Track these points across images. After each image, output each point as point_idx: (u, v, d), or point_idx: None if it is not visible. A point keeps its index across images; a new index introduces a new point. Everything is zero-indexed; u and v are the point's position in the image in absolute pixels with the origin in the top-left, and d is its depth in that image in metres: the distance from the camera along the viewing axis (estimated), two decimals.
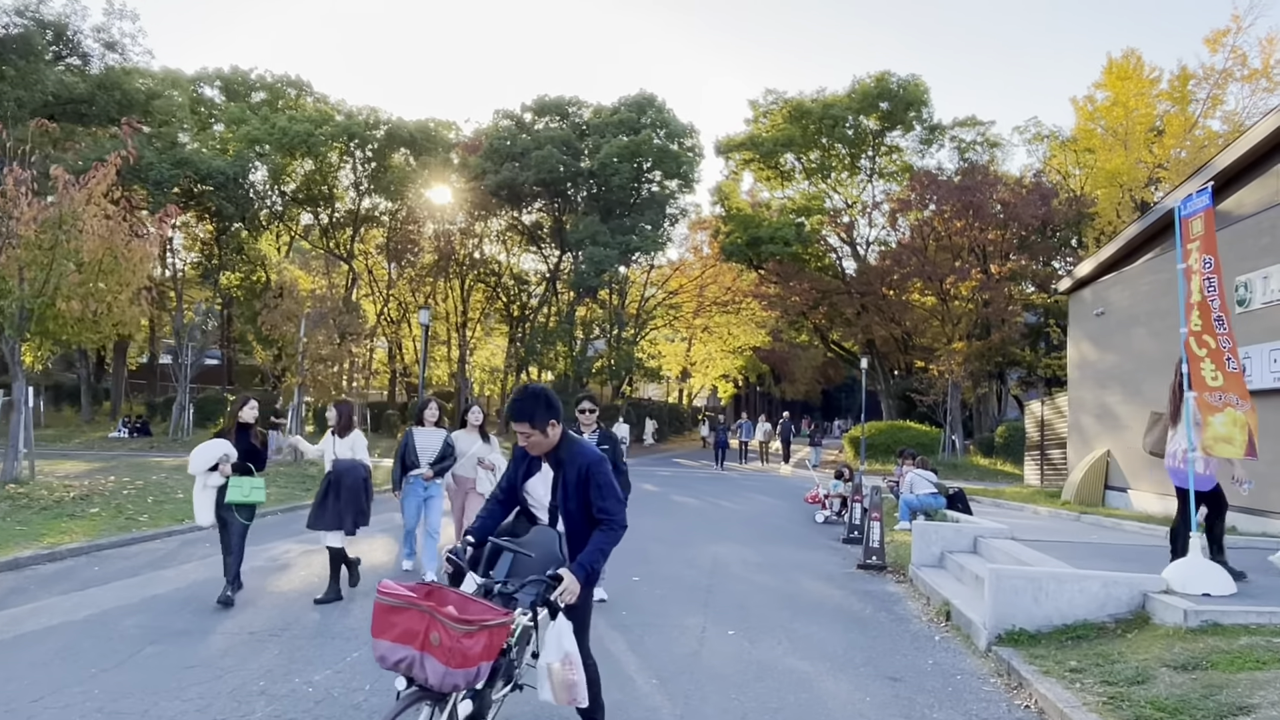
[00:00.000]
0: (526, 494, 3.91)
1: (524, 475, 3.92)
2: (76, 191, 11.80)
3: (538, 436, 3.70)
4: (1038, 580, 6.72)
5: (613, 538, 3.72)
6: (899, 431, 31.60)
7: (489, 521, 3.91)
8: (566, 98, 37.83)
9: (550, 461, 3.83)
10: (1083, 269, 16.76)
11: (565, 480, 3.78)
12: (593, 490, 3.74)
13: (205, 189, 30.83)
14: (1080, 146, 36.37)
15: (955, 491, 13.21)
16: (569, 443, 3.84)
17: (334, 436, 8.08)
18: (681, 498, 18.42)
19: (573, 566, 3.55)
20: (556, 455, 3.81)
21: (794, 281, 37.72)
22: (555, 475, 3.81)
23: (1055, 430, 20.17)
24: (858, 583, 9.55)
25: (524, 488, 3.92)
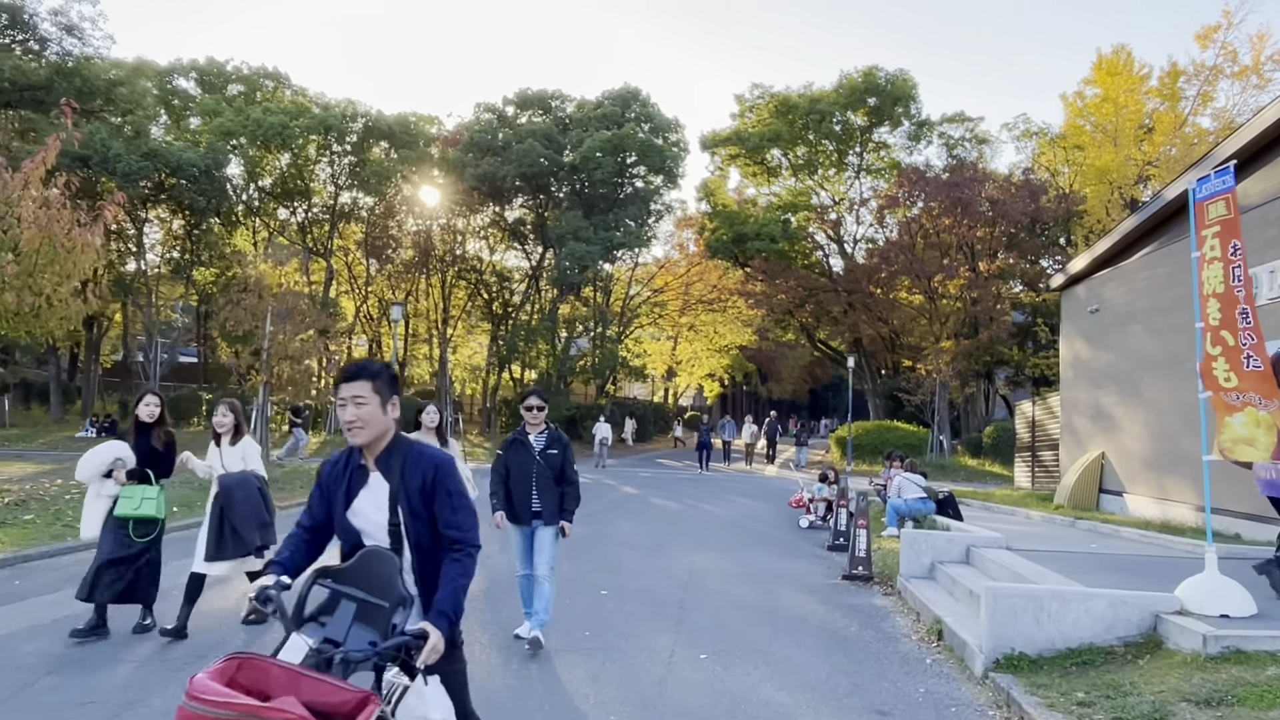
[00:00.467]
0: (354, 519, 2.96)
1: (347, 495, 2.97)
2: (10, 177, 11.02)
3: (372, 408, 2.86)
4: (1039, 599, 6.11)
5: (469, 567, 2.92)
6: (886, 432, 31.08)
7: (300, 555, 3.02)
8: (549, 91, 37.14)
9: (381, 469, 2.95)
10: (1076, 264, 16.22)
11: (406, 492, 2.91)
12: (440, 502, 2.92)
13: (176, 182, 29.94)
14: (1069, 143, 35.92)
15: (945, 496, 12.63)
16: (405, 445, 3.00)
17: (220, 445, 6.74)
18: (661, 501, 17.78)
19: (432, 616, 2.75)
20: (388, 460, 2.95)
21: (780, 279, 37.14)
22: (391, 488, 2.93)
23: (1047, 431, 19.64)
24: (843, 595, 8.93)
25: (350, 511, 2.97)
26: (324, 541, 3.09)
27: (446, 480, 2.94)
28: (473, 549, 2.94)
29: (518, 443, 6.44)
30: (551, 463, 6.35)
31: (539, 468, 6.31)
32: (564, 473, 6.42)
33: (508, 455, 6.43)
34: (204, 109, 35.30)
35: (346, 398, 2.87)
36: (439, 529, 2.94)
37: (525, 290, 40.65)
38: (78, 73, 24.13)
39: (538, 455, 6.35)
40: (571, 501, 6.46)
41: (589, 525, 13.44)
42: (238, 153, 32.67)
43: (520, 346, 36.48)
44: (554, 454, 6.40)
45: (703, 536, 12.77)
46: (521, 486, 6.31)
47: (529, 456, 6.34)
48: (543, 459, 6.34)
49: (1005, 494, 19.02)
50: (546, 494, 6.31)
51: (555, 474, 6.35)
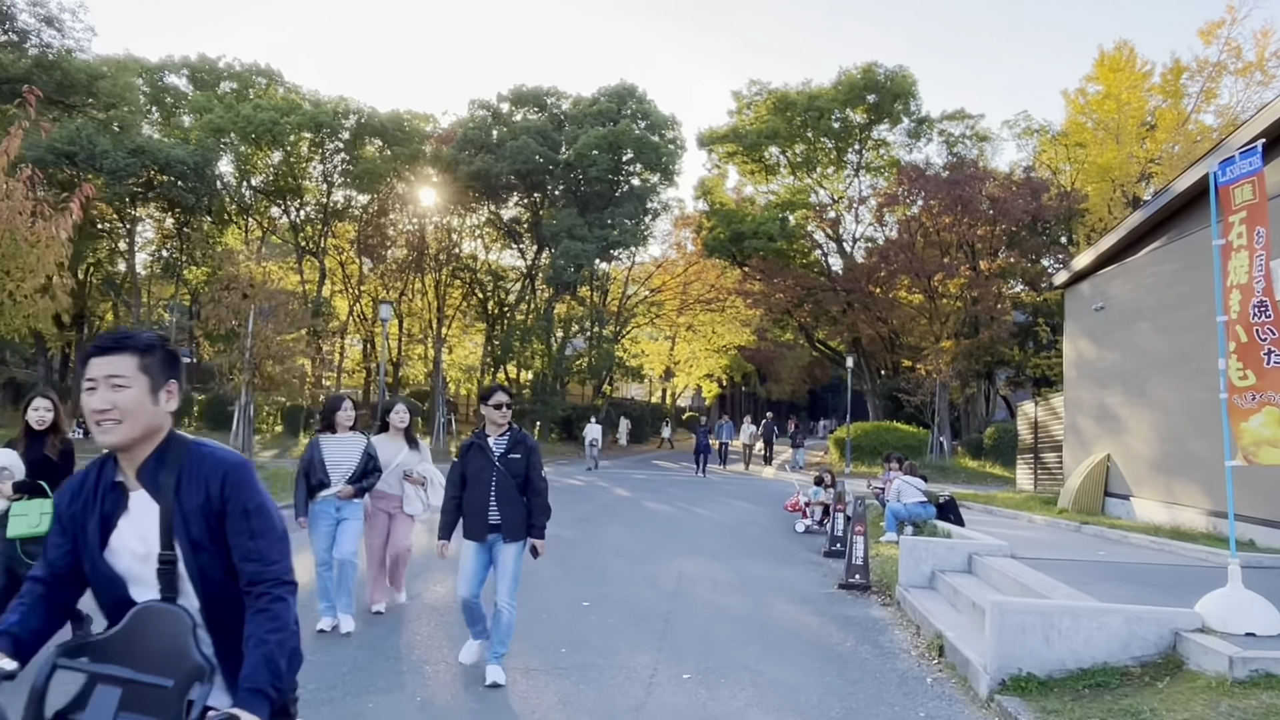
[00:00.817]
0: (113, 560, 2.06)
1: (102, 528, 2.07)
2: None
3: (136, 393, 2.00)
4: (1049, 616, 5.65)
5: (283, 616, 2.04)
6: (885, 432, 30.61)
7: (36, 619, 2.09)
8: (545, 87, 36.67)
9: (146, 484, 2.06)
10: (1080, 261, 15.76)
11: (183, 513, 2.03)
12: (235, 525, 2.06)
13: (166, 179, 29.45)
14: (1071, 141, 35.48)
15: (946, 500, 12.16)
16: (180, 449, 2.09)
17: None
18: (654, 504, 17.31)
19: (243, 698, 1.93)
20: (156, 471, 2.06)
21: (778, 278, 36.68)
22: (162, 510, 2.04)
23: (1050, 432, 19.18)
24: (838, 606, 8.47)
25: (107, 550, 2.06)
26: (70, 599, 2.17)
27: (242, 492, 2.07)
28: (284, 589, 2.07)
29: (475, 447, 5.56)
30: (514, 468, 5.47)
31: (499, 475, 5.43)
32: (529, 480, 5.50)
33: (464, 462, 5.56)
34: (195, 106, 34.85)
35: (97, 378, 1.99)
36: (235, 563, 2.07)
37: (520, 290, 40.17)
38: (58, 65, 23.63)
39: (497, 460, 5.46)
40: (540, 514, 5.55)
41: (578, 530, 12.99)
42: (228, 150, 32.18)
43: (515, 346, 36.01)
44: (516, 458, 5.49)
45: (694, 542, 12.31)
46: (478, 496, 5.45)
47: (487, 461, 5.46)
48: (503, 464, 5.45)
49: (1007, 497, 18.56)
50: (508, 505, 5.44)
51: (519, 482, 5.46)
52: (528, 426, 37.19)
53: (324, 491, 6.66)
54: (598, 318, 37.97)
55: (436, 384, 34.35)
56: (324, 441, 6.82)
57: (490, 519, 5.46)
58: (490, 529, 5.48)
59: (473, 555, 5.57)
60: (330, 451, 6.77)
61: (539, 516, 5.56)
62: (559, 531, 12.69)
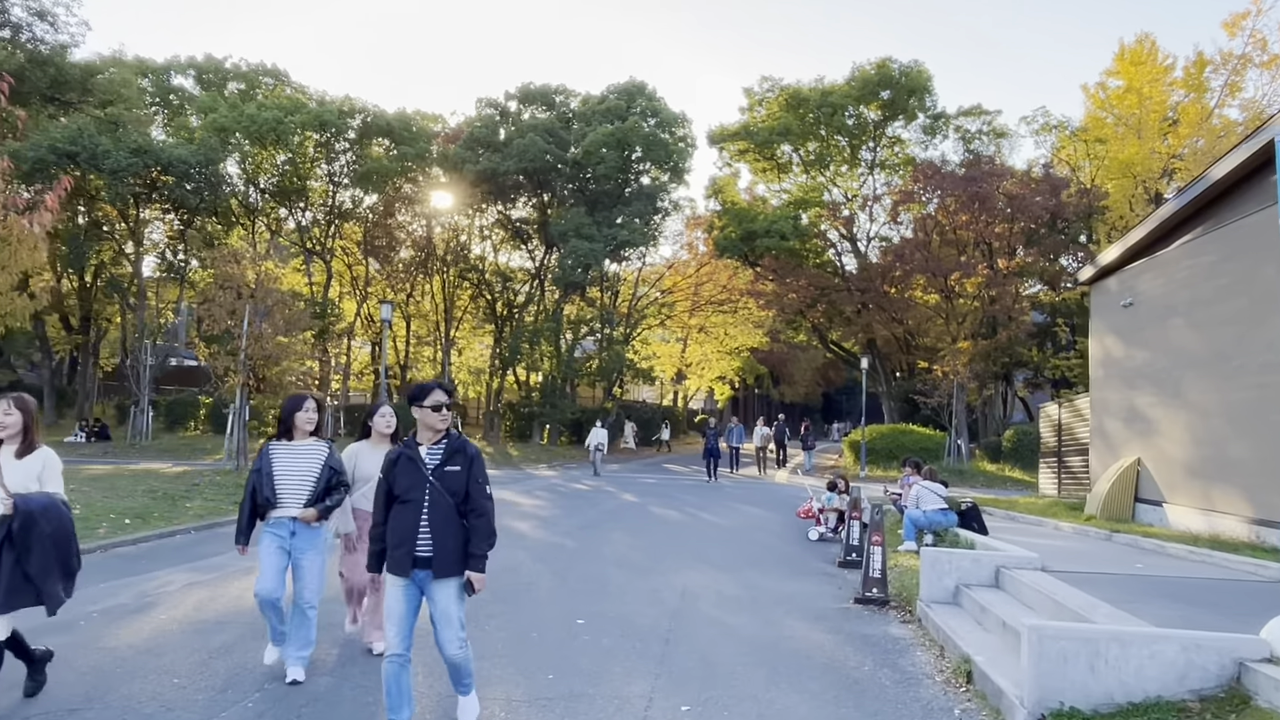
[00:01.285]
0: None
1: None
2: None
3: None
4: (1094, 643, 4.99)
5: None
6: (901, 435, 29.85)
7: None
8: (553, 85, 36.07)
9: None
10: (1107, 255, 15.04)
11: None
12: None
13: (168, 180, 29.05)
14: (1091, 136, 34.68)
15: (968, 507, 11.47)
16: None
17: (7, 459, 4.83)
18: (661, 510, 16.67)
19: None
20: None
21: (791, 278, 35.98)
22: None
23: (1075, 435, 18.42)
24: (855, 623, 7.82)
25: None
26: None
27: None
28: None
29: (404, 459, 4.45)
30: (451, 484, 4.37)
31: (432, 492, 4.34)
32: (470, 498, 4.40)
33: (391, 477, 4.46)
34: (201, 106, 34.48)
35: None
36: None
37: (529, 291, 39.62)
38: (51, 61, 23.20)
39: (430, 474, 4.37)
40: (481, 540, 4.40)
41: (579, 538, 12.38)
42: (233, 150, 31.74)
43: (524, 348, 35.44)
44: (455, 471, 4.40)
45: (701, 551, 11.66)
46: (405, 519, 4.36)
47: (418, 477, 4.37)
48: (437, 479, 4.36)
49: (1029, 502, 17.81)
50: (443, 531, 4.33)
51: (457, 500, 4.38)
52: (536, 429, 36.69)
53: (274, 513, 5.47)
54: (608, 319, 37.36)
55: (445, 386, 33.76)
56: (275, 451, 5.62)
57: (419, 549, 4.34)
58: (418, 562, 4.35)
59: (400, 597, 4.42)
60: (282, 463, 5.56)
61: (480, 543, 4.40)
62: (559, 540, 12.10)
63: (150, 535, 10.91)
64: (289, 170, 34.23)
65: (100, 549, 10.15)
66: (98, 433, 29.05)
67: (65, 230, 31.01)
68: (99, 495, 13.38)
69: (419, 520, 4.36)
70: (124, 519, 11.70)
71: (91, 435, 28.73)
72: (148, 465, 20.43)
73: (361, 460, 6.29)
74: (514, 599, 8.19)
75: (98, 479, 15.63)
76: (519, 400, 39.25)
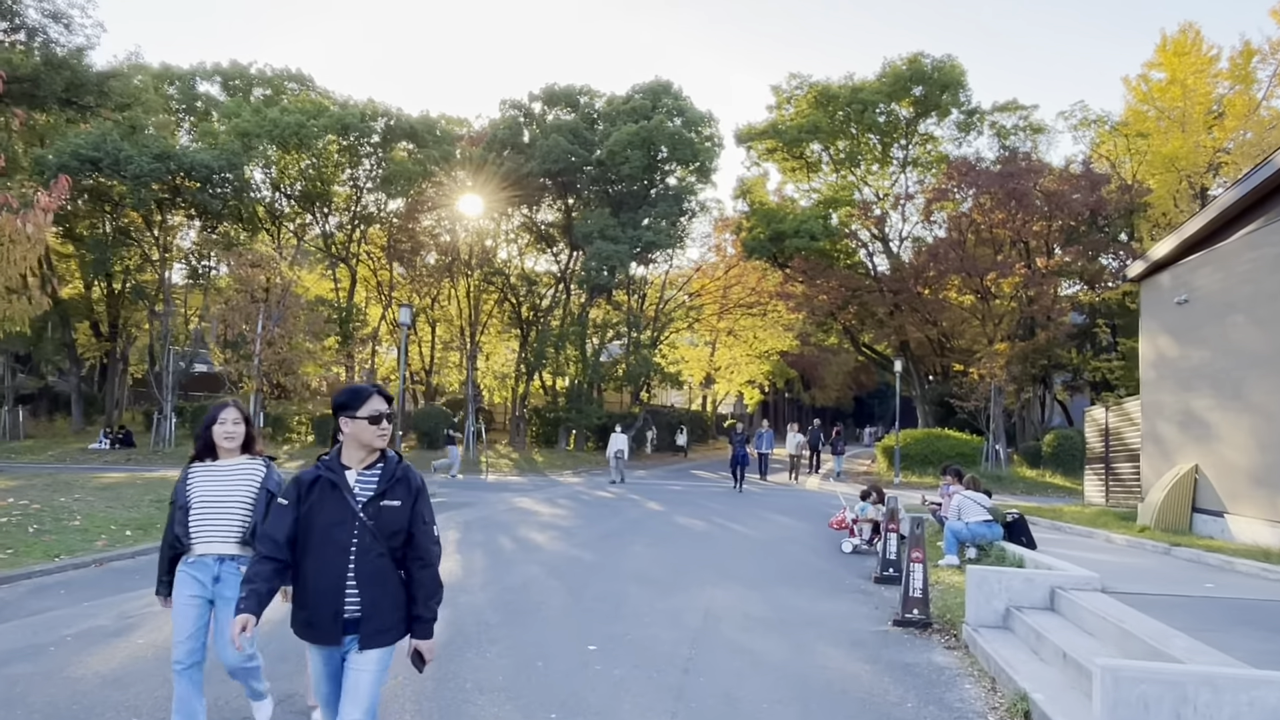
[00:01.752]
0: None
1: None
2: None
3: None
4: (1180, 686, 4.27)
5: None
6: (937, 440, 28.92)
7: None
8: (578, 86, 35.51)
9: None
10: (1159, 250, 14.16)
11: None
12: None
13: (191, 185, 28.89)
14: (1131, 130, 33.55)
15: (1015, 518, 10.70)
16: None
17: None
18: (686, 519, 15.99)
19: None
20: None
21: (821, 279, 35.14)
22: None
23: (1124, 440, 17.49)
24: (894, 649, 7.11)
25: None
26: None
27: None
28: None
29: (323, 484, 3.33)
30: (388, 523, 3.31)
31: (362, 533, 3.27)
32: (414, 541, 3.34)
33: (301, 506, 3.32)
34: (225, 112, 34.43)
35: None
36: None
37: (554, 294, 39.13)
38: (67, 64, 23.07)
39: (361, 509, 3.28)
40: (428, 596, 3.35)
41: (598, 550, 11.75)
42: (256, 154, 31.53)
43: (549, 353, 34.91)
44: (394, 507, 3.32)
45: (727, 565, 10.98)
46: (327, 568, 3.25)
47: (343, 510, 3.28)
48: (370, 515, 3.29)
49: (1076, 511, 16.93)
50: (375, 584, 3.27)
51: (395, 545, 3.32)
52: (562, 435, 36.10)
53: (191, 554, 4.27)
54: (634, 323, 36.74)
55: (469, 392, 33.37)
56: (195, 476, 4.40)
57: (346, 608, 3.25)
58: (347, 625, 3.27)
59: (322, 672, 3.43)
60: (202, 489, 4.34)
61: (427, 602, 3.36)
62: (577, 552, 11.49)
63: (149, 548, 10.41)
64: (312, 174, 34.02)
65: (95, 562, 9.70)
66: (122, 439, 28.92)
67: (90, 236, 31.00)
68: (104, 505, 12.97)
69: (345, 568, 3.25)
70: (125, 530, 11.26)
71: (115, 442, 28.59)
72: (164, 473, 20.12)
73: None
74: (522, 620, 7.57)
75: (108, 488, 15.26)
76: (545, 405, 38.74)
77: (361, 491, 3.32)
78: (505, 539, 12.59)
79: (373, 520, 3.29)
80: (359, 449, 3.37)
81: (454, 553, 11.20)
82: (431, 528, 3.42)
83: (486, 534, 13.03)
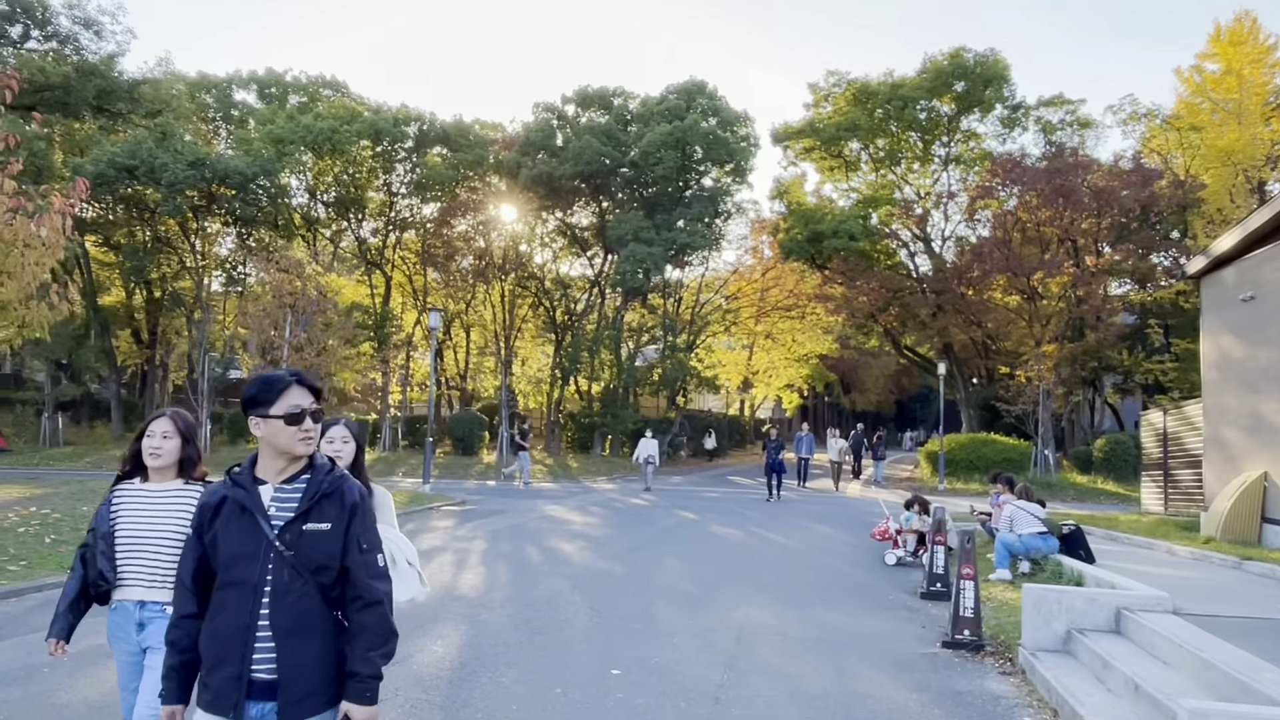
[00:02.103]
0: None
1: None
2: None
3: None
4: None
5: None
6: (982, 445, 28.00)
7: None
8: (611, 88, 35.12)
9: None
10: (1222, 244, 13.36)
11: None
12: None
13: (225, 191, 28.99)
14: (1184, 124, 32.38)
15: (1071, 530, 10.04)
16: None
17: None
18: (721, 529, 15.45)
19: None
20: None
21: (861, 281, 34.37)
22: None
23: (1183, 445, 16.62)
24: (944, 674, 6.54)
25: None
26: None
27: None
28: None
29: (228, 505, 2.56)
30: (312, 551, 2.52)
31: (278, 566, 2.49)
32: (350, 577, 2.55)
33: (211, 535, 2.57)
34: (262, 119, 34.59)
35: None
36: None
37: (588, 299, 38.76)
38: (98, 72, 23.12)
39: (276, 534, 2.50)
40: (371, 647, 2.52)
41: (628, 563, 11.27)
42: (290, 160, 31.58)
43: (583, 357, 34.53)
44: (320, 531, 2.53)
45: (763, 579, 10.44)
46: (229, 617, 2.50)
47: (253, 538, 2.51)
48: (290, 543, 2.50)
49: (1133, 520, 16.10)
50: (296, 635, 2.49)
51: (323, 581, 2.53)
52: (597, 440, 35.70)
53: (117, 595, 3.49)
54: (670, 326, 36.24)
55: (504, 397, 33.11)
56: (121, 499, 3.55)
57: (255, 669, 2.46)
58: (258, 691, 2.47)
59: None
60: (130, 519, 3.49)
61: (364, 654, 2.50)
62: (606, 565, 11.02)
63: None
64: (347, 180, 34.05)
65: None
66: None
67: (127, 244, 31.24)
68: None
69: (254, 617, 2.46)
70: None
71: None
72: None
73: None
74: (543, 641, 7.12)
75: None
76: (580, 410, 38.37)
77: (279, 513, 2.51)
78: (533, 550, 12.17)
79: (292, 550, 2.47)
80: (276, 456, 2.57)
81: (478, 564, 10.80)
82: (372, 556, 2.56)
83: (514, 544, 12.62)
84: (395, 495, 18.27)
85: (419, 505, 17.00)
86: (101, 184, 26.69)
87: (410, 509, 16.38)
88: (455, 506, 17.66)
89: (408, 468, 27.25)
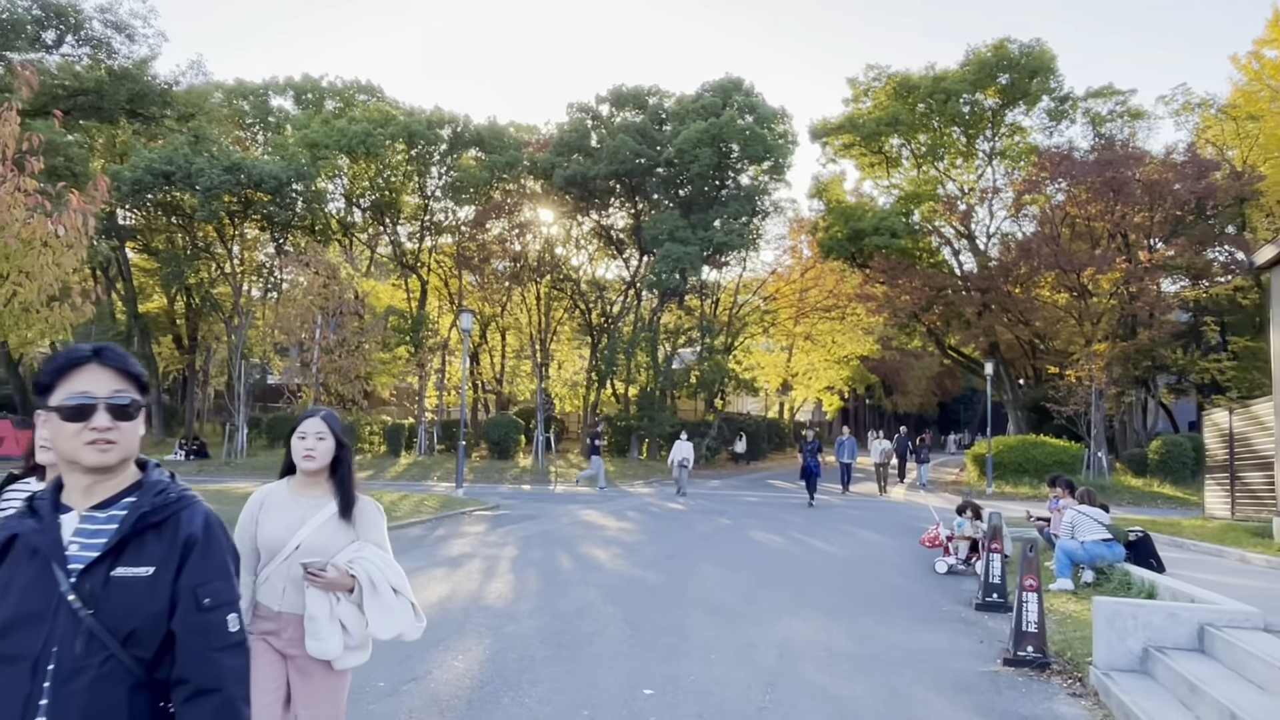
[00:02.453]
0: None
1: None
2: None
3: None
4: None
5: None
6: (1032, 447, 27.03)
7: None
8: (646, 87, 34.69)
9: None
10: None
11: None
12: None
13: (262, 196, 29.01)
14: (1241, 113, 31.19)
15: (1138, 537, 9.37)
16: None
17: None
18: (761, 535, 14.88)
19: None
20: None
21: (903, 279, 33.52)
22: None
23: (1252, 447, 15.72)
24: (1007, 696, 5.96)
25: None
26: None
27: None
28: None
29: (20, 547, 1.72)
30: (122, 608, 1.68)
31: (68, 630, 1.64)
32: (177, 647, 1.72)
33: None
34: (297, 124, 34.69)
35: None
36: None
37: (624, 300, 38.33)
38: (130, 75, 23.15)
39: (71, 584, 1.66)
40: None
41: (662, 571, 10.76)
42: (325, 164, 31.56)
43: (619, 360, 34.09)
44: (138, 577, 1.69)
45: (806, 589, 9.88)
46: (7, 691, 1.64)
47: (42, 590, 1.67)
48: (85, 596, 1.66)
49: (1197, 526, 15.28)
50: None
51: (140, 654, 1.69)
52: (634, 444, 35.20)
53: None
54: (707, 328, 35.67)
55: (540, 400, 32.79)
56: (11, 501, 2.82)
57: None
58: None
59: None
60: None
61: None
62: (640, 573, 10.53)
63: None
64: (382, 184, 34.00)
65: None
66: (196, 450, 29.16)
67: (165, 250, 31.42)
68: None
69: (29, 711, 1.63)
70: None
71: (190, 453, 28.84)
72: (229, 485, 19.91)
73: (267, 518, 3.15)
74: (571, 656, 6.65)
75: None
76: (616, 414, 37.94)
77: (81, 552, 1.71)
78: (565, 557, 11.71)
79: (93, 607, 1.67)
80: (70, 471, 1.76)
81: (507, 572, 10.37)
82: (217, 617, 1.74)
83: (546, 551, 12.18)
84: (427, 500, 17.93)
85: (451, 510, 16.65)
86: (139, 189, 26.82)
87: (441, 514, 16.04)
88: (488, 511, 17.29)
89: (443, 472, 26.97)
